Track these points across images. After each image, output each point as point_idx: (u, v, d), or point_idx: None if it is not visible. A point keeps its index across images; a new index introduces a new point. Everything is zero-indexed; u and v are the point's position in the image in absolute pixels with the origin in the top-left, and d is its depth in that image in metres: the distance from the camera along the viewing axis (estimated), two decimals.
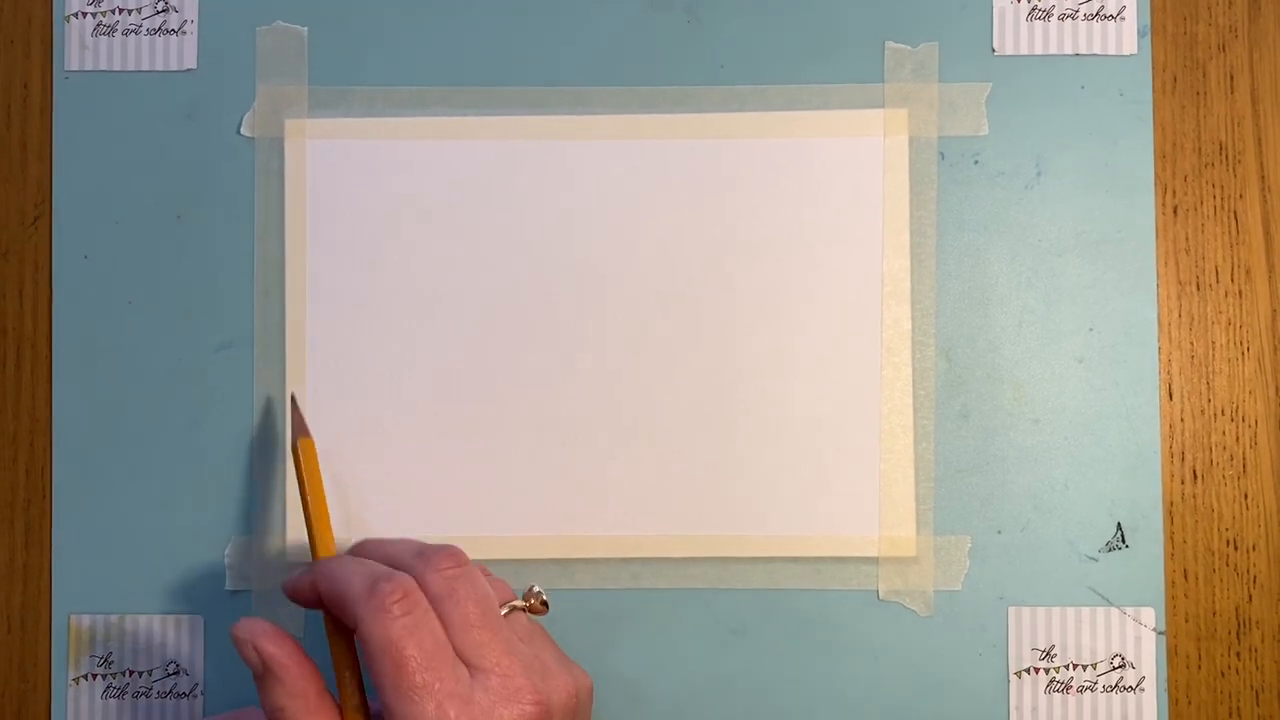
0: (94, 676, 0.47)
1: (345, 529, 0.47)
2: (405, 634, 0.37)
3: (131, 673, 0.47)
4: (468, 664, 0.38)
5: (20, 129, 0.49)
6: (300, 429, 0.45)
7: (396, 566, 0.40)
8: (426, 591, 0.39)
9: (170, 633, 0.47)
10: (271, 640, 0.39)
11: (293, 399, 0.46)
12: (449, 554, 0.40)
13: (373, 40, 0.48)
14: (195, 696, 0.47)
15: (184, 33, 0.48)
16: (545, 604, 0.42)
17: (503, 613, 0.40)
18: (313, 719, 0.38)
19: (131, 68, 0.48)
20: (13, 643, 0.48)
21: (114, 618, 0.47)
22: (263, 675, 0.39)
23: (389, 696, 0.37)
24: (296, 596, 0.41)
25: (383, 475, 0.47)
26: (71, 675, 0.47)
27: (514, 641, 0.39)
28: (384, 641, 0.37)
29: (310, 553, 0.43)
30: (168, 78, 0.48)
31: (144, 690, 0.47)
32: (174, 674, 0.47)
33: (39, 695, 0.48)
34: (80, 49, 0.48)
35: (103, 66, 0.48)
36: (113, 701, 0.47)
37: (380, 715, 0.40)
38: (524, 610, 0.42)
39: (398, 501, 0.47)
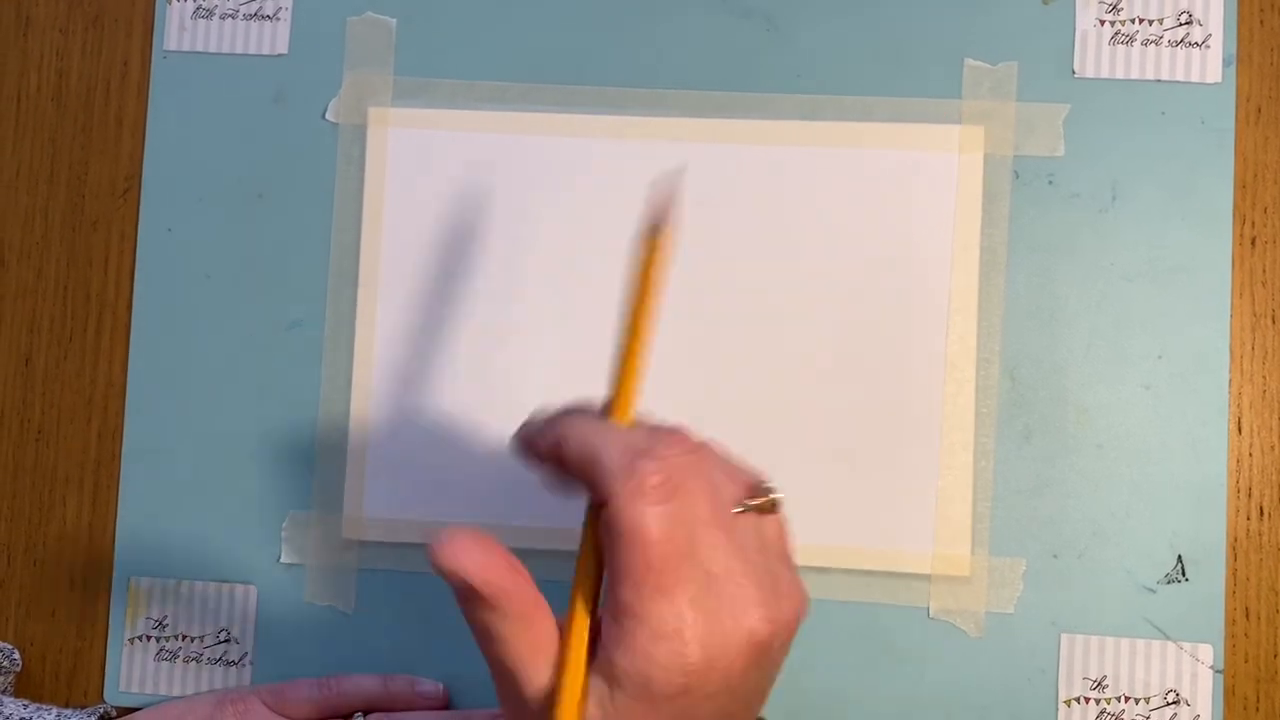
0: (148, 638, 0.48)
1: (401, 509, 0.48)
2: (661, 525, 0.32)
3: (184, 637, 0.48)
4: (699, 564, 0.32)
5: (118, 104, 0.51)
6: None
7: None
8: None
9: (224, 601, 0.48)
10: (480, 566, 0.32)
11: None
12: (678, 437, 0.34)
13: (458, 34, 0.49)
14: (244, 665, 0.48)
15: (278, 19, 0.50)
16: (775, 505, 0.36)
17: (733, 511, 0.34)
18: (532, 641, 0.33)
19: (226, 50, 0.50)
20: (74, 599, 0.49)
21: (171, 582, 0.48)
22: (470, 600, 0.32)
23: (624, 588, 0.32)
24: (530, 449, 0.36)
25: (444, 462, 0.48)
26: (128, 635, 0.48)
27: (747, 546, 0.34)
28: (635, 529, 0.31)
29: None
30: (259, 61, 0.50)
31: (195, 655, 0.48)
32: (224, 641, 0.48)
33: (94, 653, 0.49)
34: (179, 30, 0.50)
35: (199, 48, 0.50)
36: (164, 664, 0.48)
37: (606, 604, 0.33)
38: (755, 510, 0.35)
39: (455, 489, 0.48)
